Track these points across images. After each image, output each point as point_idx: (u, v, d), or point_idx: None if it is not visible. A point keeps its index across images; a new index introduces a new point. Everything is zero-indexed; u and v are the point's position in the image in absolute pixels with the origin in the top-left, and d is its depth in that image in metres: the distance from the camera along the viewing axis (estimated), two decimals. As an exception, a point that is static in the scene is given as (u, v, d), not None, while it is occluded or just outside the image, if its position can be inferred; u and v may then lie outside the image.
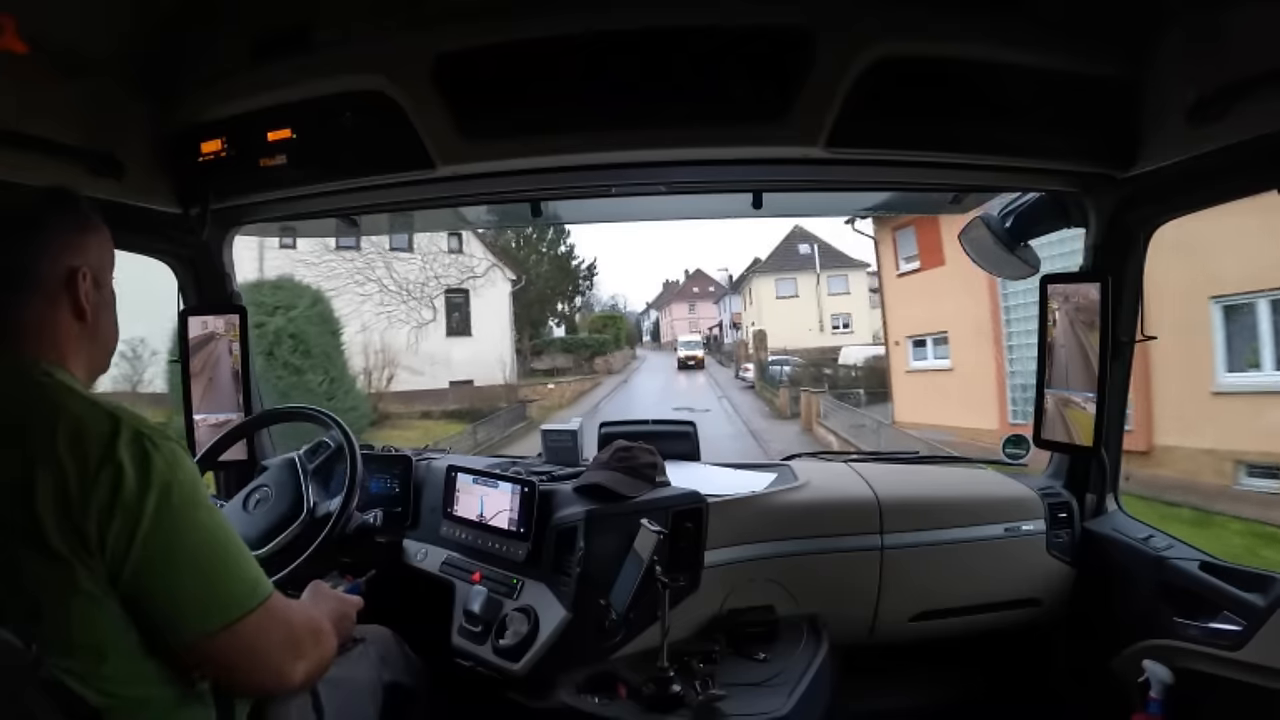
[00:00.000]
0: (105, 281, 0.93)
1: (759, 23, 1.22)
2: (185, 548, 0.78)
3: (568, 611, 1.35)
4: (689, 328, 36.07)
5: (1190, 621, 1.35)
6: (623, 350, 27.29)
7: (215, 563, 0.81)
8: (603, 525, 1.37)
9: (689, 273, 41.14)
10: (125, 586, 0.76)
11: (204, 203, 1.52)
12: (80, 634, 0.75)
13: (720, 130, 1.29)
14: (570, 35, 1.24)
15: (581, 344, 23.31)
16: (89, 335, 0.90)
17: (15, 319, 0.84)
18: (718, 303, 36.88)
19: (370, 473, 1.70)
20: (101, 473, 0.75)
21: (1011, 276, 1.74)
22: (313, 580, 1.17)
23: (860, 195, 1.87)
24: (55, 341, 0.86)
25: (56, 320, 0.86)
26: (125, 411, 0.82)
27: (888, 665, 1.72)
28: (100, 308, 0.90)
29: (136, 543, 0.75)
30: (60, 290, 0.86)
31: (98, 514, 0.74)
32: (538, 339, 22.24)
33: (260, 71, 1.36)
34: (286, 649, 0.86)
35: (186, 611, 0.78)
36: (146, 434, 0.79)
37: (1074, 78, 1.26)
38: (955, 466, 2.02)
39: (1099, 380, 1.52)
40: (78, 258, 0.87)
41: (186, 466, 0.82)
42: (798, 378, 17.82)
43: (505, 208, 1.97)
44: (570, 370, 20.96)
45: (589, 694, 1.28)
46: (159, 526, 0.76)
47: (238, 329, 1.80)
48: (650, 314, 43.31)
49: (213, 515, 0.83)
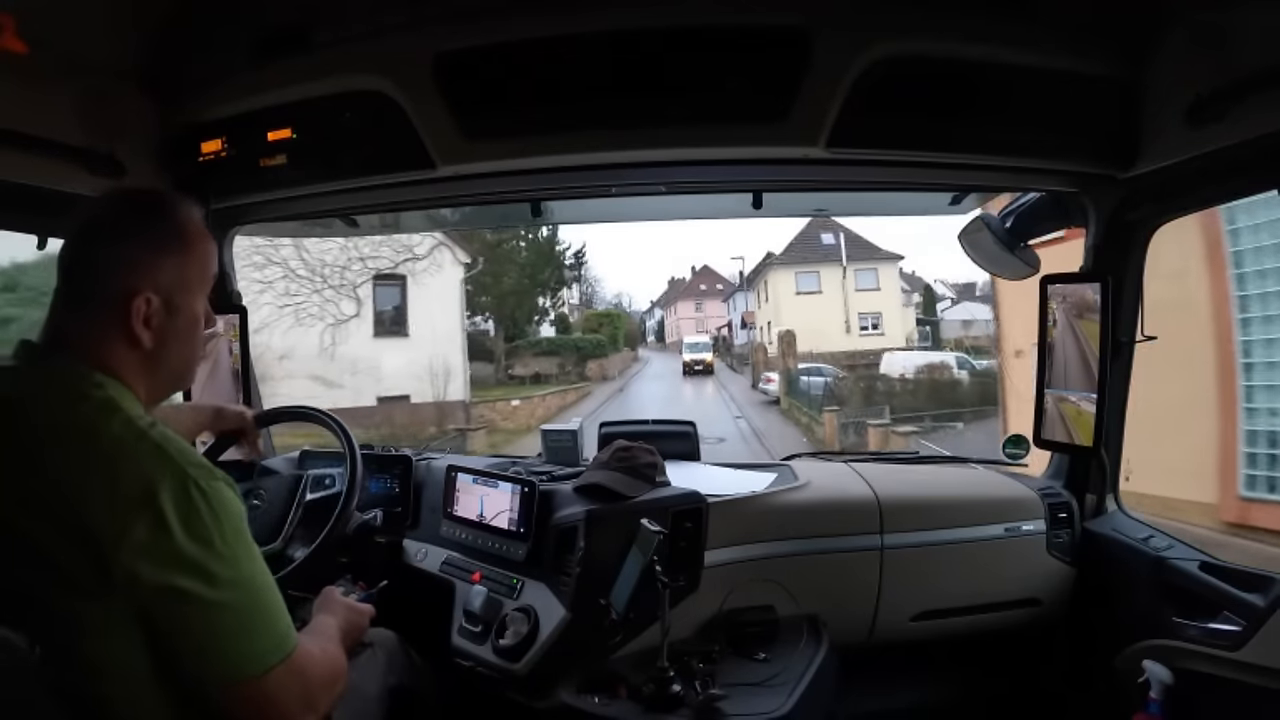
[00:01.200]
0: (184, 304, 0.83)
1: (759, 23, 1.22)
2: (218, 602, 0.74)
3: (568, 611, 1.35)
4: (695, 327, 33.42)
5: (1190, 621, 1.35)
6: (621, 352, 24.07)
7: (247, 618, 0.76)
8: (603, 525, 1.37)
9: (696, 269, 38.34)
10: (152, 626, 0.73)
11: (204, 203, 1.52)
12: (92, 654, 0.73)
13: (720, 130, 1.29)
14: (570, 35, 1.24)
15: (569, 346, 19.64)
16: (149, 363, 0.82)
17: (65, 329, 0.79)
18: (726, 300, 33.79)
19: (370, 473, 1.70)
20: (139, 516, 0.71)
21: (1012, 277, 1.74)
22: (325, 588, 1.16)
23: (860, 195, 1.87)
24: (107, 363, 0.79)
25: (108, 344, 0.79)
26: (174, 445, 0.76)
27: (888, 665, 1.72)
28: (170, 334, 0.82)
29: (172, 590, 0.72)
30: (114, 313, 0.79)
31: (129, 556, 0.70)
32: (521, 340, 18.97)
33: (260, 71, 1.36)
34: (302, 703, 0.81)
35: (208, 662, 0.75)
36: (193, 476, 0.75)
37: (1074, 78, 1.26)
38: (955, 466, 2.02)
39: (1099, 380, 1.52)
40: (142, 279, 0.79)
41: (232, 512, 0.77)
42: (840, 393, 13.76)
43: (505, 208, 1.97)
44: (554, 378, 17.60)
45: (589, 694, 1.28)
46: (196, 578, 0.73)
47: (238, 329, 1.81)
48: (655, 313, 41.05)
49: (253, 565, 0.78)
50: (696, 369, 22.92)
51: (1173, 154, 1.25)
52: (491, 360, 17.26)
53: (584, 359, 19.60)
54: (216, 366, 1.80)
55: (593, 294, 31.58)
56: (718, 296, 35.45)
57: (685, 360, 23.73)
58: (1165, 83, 1.21)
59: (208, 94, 1.42)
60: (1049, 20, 1.23)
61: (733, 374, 23.51)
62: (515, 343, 18.82)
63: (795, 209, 1.98)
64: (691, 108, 1.27)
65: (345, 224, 1.87)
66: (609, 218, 2.25)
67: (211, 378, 1.80)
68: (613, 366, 21.30)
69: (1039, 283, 1.65)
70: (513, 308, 18.80)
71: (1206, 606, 1.34)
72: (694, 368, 22.99)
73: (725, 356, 26.98)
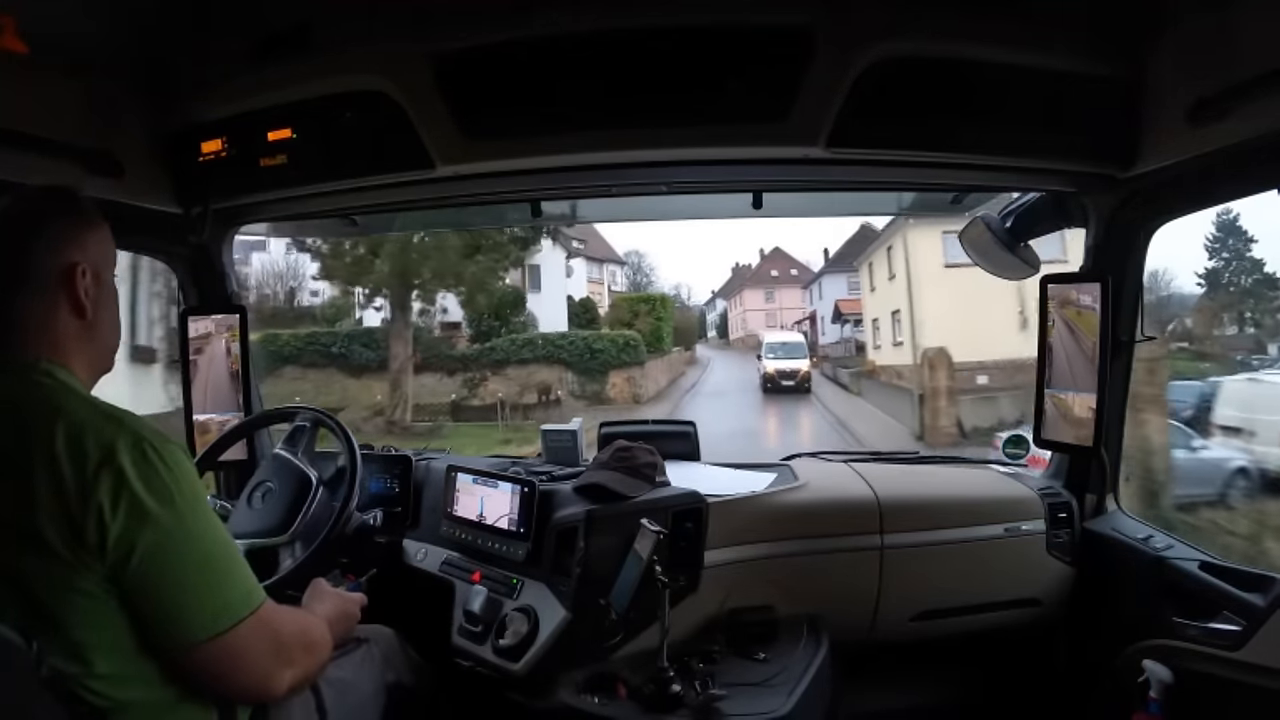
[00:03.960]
0: (106, 278, 0.92)
1: (759, 23, 1.22)
2: (182, 555, 0.78)
3: (568, 611, 1.34)
4: (765, 321, 27.39)
5: (1190, 621, 1.35)
6: (669, 354, 16.43)
7: (210, 571, 0.81)
8: (603, 525, 1.37)
9: (764, 253, 31.60)
10: (124, 588, 0.76)
11: (204, 202, 1.52)
12: (81, 633, 0.76)
13: (720, 130, 1.29)
14: (570, 35, 1.24)
15: (576, 349, 12.97)
16: (89, 332, 0.89)
17: (14, 317, 0.85)
18: (808, 288, 27.34)
19: (370, 473, 1.70)
20: (102, 475, 0.75)
21: (1012, 277, 1.74)
22: (314, 579, 1.17)
23: (860, 195, 1.87)
24: (55, 340, 0.86)
25: (56, 317, 0.86)
26: (127, 415, 0.82)
27: (888, 665, 1.72)
28: (101, 304, 0.90)
29: (136, 547, 0.75)
30: (59, 287, 0.86)
31: (96, 516, 0.74)
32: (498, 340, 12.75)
33: (260, 71, 1.36)
34: (274, 658, 0.86)
35: (178, 618, 0.79)
36: (148, 438, 0.79)
37: (1074, 78, 1.26)
38: (955, 467, 2.02)
39: (1099, 380, 1.52)
40: (77, 254, 0.87)
41: (188, 471, 0.82)
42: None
43: (505, 208, 1.97)
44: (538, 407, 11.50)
45: (589, 694, 1.28)
46: (158, 531, 0.77)
47: (237, 329, 1.80)
48: (716, 304, 34.63)
49: (211, 522, 0.83)
50: (785, 383, 15.17)
51: (1173, 154, 1.25)
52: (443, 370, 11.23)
53: (603, 368, 13.16)
54: (215, 367, 1.80)
55: (647, 285, 26.93)
56: (794, 283, 29.41)
57: (767, 370, 15.74)
58: (1165, 83, 1.21)
59: (208, 94, 1.42)
60: (1049, 20, 1.23)
61: (838, 390, 14.93)
62: (488, 345, 12.74)
63: (795, 209, 1.99)
64: (692, 108, 1.27)
65: (345, 224, 1.87)
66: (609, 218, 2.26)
67: (211, 378, 1.80)
68: (651, 378, 14.14)
69: (1039, 283, 1.65)
70: (471, 291, 12.45)
71: (1206, 606, 1.34)
72: (781, 381, 15.19)
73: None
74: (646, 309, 16.65)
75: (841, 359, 17.42)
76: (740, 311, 30.90)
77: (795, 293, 29.10)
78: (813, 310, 25.99)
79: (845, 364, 16.47)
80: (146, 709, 0.80)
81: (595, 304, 16.86)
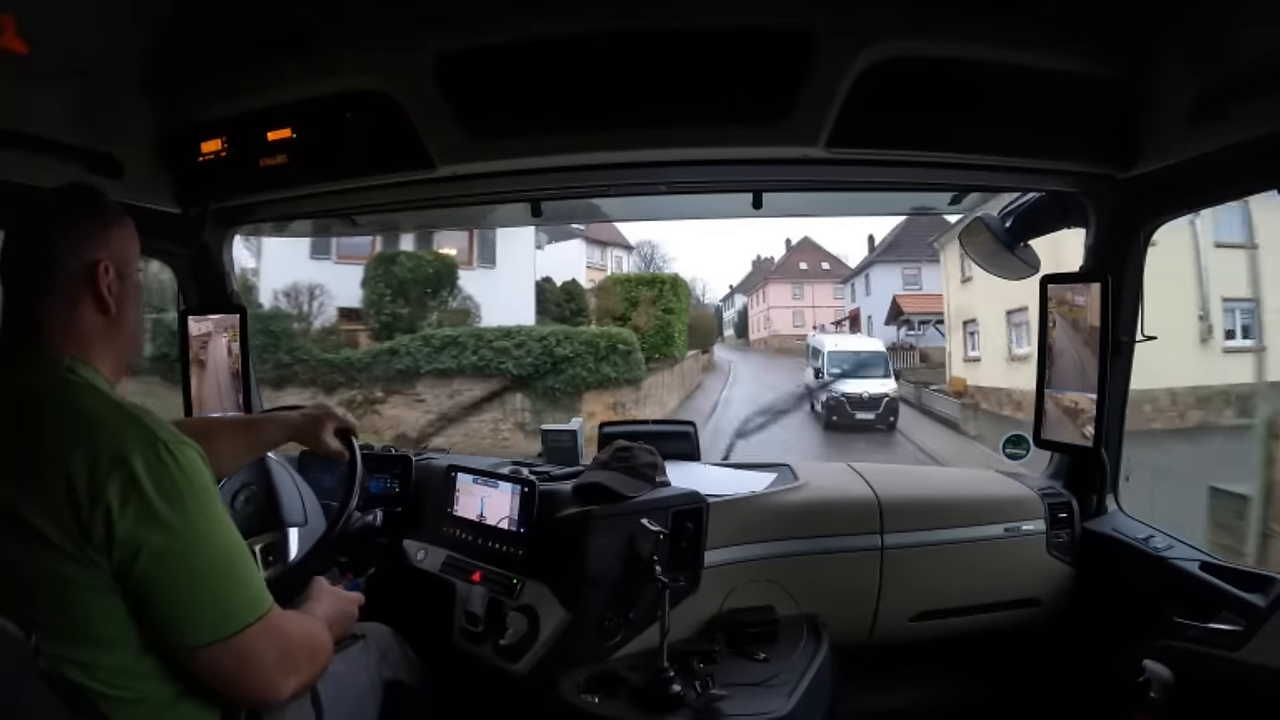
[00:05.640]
0: (129, 274, 0.92)
1: (759, 23, 1.22)
2: (189, 558, 0.78)
3: (568, 611, 1.34)
4: (793, 319, 23.24)
5: (1190, 621, 1.35)
6: (682, 360, 11.85)
7: (218, 575, 0.80)
8: (602, 525, 1.37)
9: (791, 243, 26.36)
10: (129, 587, 0.76)
11: (204, 203, 1.52)
12: (84, 627, 0.76)
13: (720, 130, 1.29)
14: (570, 35, 1.25)
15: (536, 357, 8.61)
16: (114, 329, 0.90)
17: (39, 315, 0.85)
18: (848, 281, 23.03)
19: (370, 473, 1.70)
20: (113, 474, 0.75)
21: (1012, 277, 1.74)
22: (313, 578, 1.17)
23: (860, 195, 1.87)
24: (79, 337, 0.86)
25: (80, 314, 0.87)
26: (147, 415, 0.82)
27: (888, 665, 1.72)
28: (124, 301, 0.91)
29: (143, 548, 0.76)
30: (83, 284, 0.86)
31: (104, 514, 0.74)
32: (387, 345, 8.58)
33: (260, 71, 1.36)
34: (279, 665, 0.85)
35: (183, 620, 0.78)
36: (164, 440, 0.79)
37: (1074, 78, 1.26)
38: (955, 467, 2.02)
39: (1099, 380, 1.52)
40: (100, 251, 0.88)
41: (202, 474, 0.82)
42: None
43: (505, 208, 1.97)
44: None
45: (589, 694, 1.27)
46: (166, 534, 0.77)
47: (238, 329, 1.80)
48: (734, 300, 29.13)
49: (222, 526, 0.83)
50: (860, 415, 10.23)
51: (1173, 154, 1.25)
52: (320, 384, 7.33)
53: (572, 387, 8.61)
54: (215, 366, 1.80)
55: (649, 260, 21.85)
56: (826, 278, 24.74)
57: (831, 394, 10.71)
58: (1165, 83, 1.21)
59: (208, 94, 1.42)
60: (1049, 20, 1.23)
61: (934, 425, 10.17)
62: (386, 346, 8.40)
63: (795, 209, 1.99)
64: (692, 108, 1.27)
65: (345, 224, 1.87)
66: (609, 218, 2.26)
67: (211, 378, 1.80)
68: (654, 400, 9.77)
69: (1039, 283, 1.65)
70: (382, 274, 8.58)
71: (1207, 606, 1.34)
72: (854, 413, 10.24)
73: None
74: (651, 295, 11.38)
75: (901, 371, 12.32)
76: (763, 309, 25.89)
77: (827, 288, 24.31)
78: (855, 309, 21.28)
79: (908, 377, 12.00)
80: (150, 704, 0.80)
81: (582, 290, 12.49)
